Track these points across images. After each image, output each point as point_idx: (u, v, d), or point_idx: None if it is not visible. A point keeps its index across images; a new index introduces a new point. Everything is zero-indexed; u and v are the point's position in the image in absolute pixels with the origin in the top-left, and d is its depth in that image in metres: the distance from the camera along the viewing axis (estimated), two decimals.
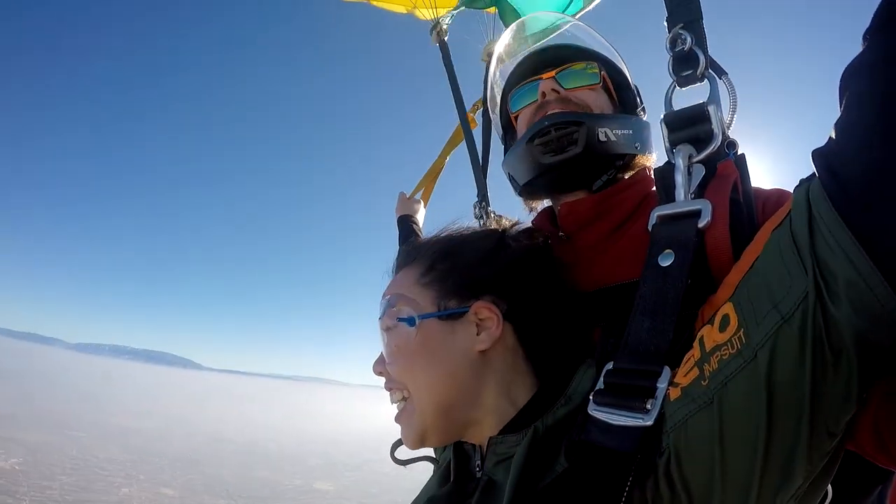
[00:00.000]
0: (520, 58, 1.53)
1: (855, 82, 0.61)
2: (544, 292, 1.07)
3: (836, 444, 0.66)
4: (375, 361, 1.11)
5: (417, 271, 1.09)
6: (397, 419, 1.07)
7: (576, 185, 1.29)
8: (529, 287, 1.06)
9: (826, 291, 0.59)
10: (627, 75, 1.43)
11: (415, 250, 1.17)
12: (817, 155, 0.63)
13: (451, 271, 1.06)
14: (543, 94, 1.31)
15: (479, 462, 1.04)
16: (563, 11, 2.26)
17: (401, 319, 1.04)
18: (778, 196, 1.10)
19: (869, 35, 0.60)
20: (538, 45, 1.50)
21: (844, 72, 0.62)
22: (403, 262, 1.16)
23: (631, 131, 1.26)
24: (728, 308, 0.71)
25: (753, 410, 0.63)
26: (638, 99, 1.42)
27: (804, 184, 0.66)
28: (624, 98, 1.40)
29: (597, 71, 1.36)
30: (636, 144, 1.28)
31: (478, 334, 1.00)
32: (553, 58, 1.40)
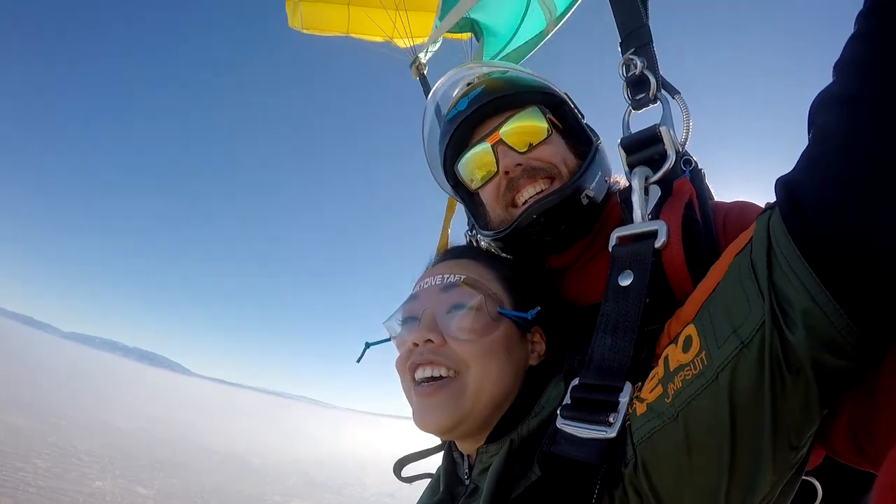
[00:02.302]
0: (445, 108, 1.47)
1: (823, 115, 0.62)
2: (559, 324, 1.18)
3: (800, 456, 0.69)
4: (426, 328, 1.08)
5: (499, 273, 1.18)
6: (431, 394, 1.05)
7: (573, 243, 1.30)
8: (555, 321, 1.18)
9: (783, 319, 0.61)
10: (559, 93, 1.37)
11: (488, 254, 1.30)
12: (781, 184, 0.65)
13: (522, 289, 1.18)
14: (507, 172, 1.26)
15: (467, 470, 1.12)
16: (521, 26, 2.20)
17: (501, 311, 1.10)
18: (740, 210, 1.13)
19: (838, 68, 0.62)
20: (463, 94, 1.40)
21: (814, 101, 0.64)
22: (476, 254, 1.26)
23: (600, 173, 1.28)
24: (691, 330, 0.74)
25: (717, 427, 0.66)
26: (579, 114, 1.39)
27: (767, 212, 0.68)
28: (570, 124, 1.37)
29: (542, 117, 1.30)
30: (606, 178, 1.30)
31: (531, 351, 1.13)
32: (489, 108, 1.32)
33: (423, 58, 2.37)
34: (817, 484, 0.98)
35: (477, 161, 1.33)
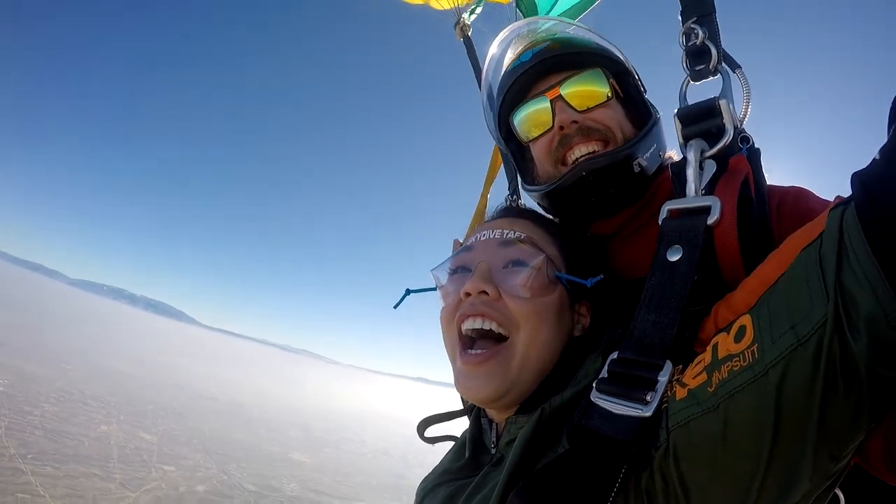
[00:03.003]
0: (509, 58, 1.42)
1: None
2: (605, 297, 1.14)
3: (839, 467, 0.65)
4: (481, 279, 1.03)
5: (556, 240, 1.14)
6: (479, 363, 1.00)
7: (620, 210, 1.26)
8: (603, 295, 1.13)
9: (846, 321, 0.57)
10: (624, 61, 1.33)
11: (548, 220, 1.24)
12: (857, 179, 0.60)
13: (577, 258, 1.14)
14: (562, 128, 1.23)
15: (494, 439, 1.08)
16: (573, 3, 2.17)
17: (559, 275, 1.07)
18: (796, 195, 1.08)
19: None
20: (529, 45, 1.36)
21: None
22: (533, 216, 1.21)
23: (655, 145, 1.25)
24: (746, 320, 0.71)
25: (759, 425, 0.63)
26: (642, 87, 1.35)
27: (840, 207, 0.64)
28: (631, 94, 1.32)
29: (605, 81, 1.25)
30: (660, 153, 1.27)
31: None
32: (553, 63, 1.28)
33: (468, 19, 2.30)
34: (840, 495, 0.94)
35: (533, 114, 1.30)
